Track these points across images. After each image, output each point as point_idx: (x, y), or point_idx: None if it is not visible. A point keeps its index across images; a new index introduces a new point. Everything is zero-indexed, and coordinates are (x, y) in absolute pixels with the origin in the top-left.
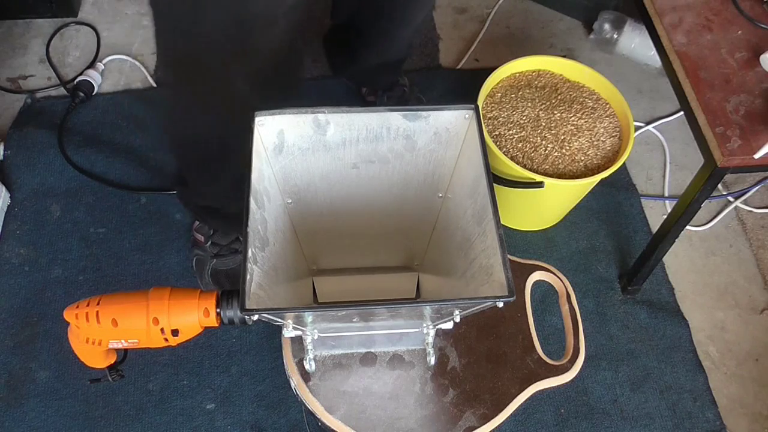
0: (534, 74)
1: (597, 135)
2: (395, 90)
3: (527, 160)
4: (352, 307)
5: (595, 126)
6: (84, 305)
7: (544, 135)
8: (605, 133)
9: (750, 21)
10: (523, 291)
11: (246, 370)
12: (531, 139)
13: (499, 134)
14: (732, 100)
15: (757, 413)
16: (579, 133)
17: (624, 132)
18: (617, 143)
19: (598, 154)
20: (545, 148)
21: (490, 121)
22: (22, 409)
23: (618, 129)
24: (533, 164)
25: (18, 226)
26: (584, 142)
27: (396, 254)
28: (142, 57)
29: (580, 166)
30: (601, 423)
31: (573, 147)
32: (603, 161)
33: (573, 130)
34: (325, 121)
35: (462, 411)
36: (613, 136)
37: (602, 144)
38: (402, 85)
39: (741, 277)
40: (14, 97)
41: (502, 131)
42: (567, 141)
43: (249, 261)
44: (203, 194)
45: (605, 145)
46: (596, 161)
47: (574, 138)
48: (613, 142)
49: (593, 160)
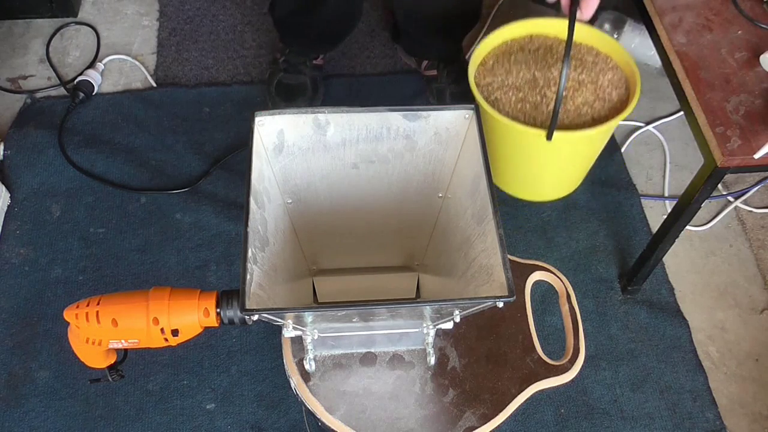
0: (526, 39)
1: (601, 88)
2: (455, 65)
3: (530, 120)
4: (352, 307)
5: (598, 79)
6: (84, 305)
7: (544, 93)
8: (610, 86)
9: (750, 21)
10: (523, 291)
11: (246, 370)
12: (530, 99)
13: (496, 99)
14: (732, 100)
15: (757, 413)
16: (582, 87)
17: (630, 82)
18: (624, 94)
19: (605, 107)
20: (547, 105)
21: (484, 87)
22: (22, 409)
23: (623, 80)
24: (536, 123)
25: (18, 226)
26: (588, 95)
27: (396, 254)
28: (142, 57)
29: (588, 119)
30: (601, 423)
31: (577, 101)
32: (611, 112)
33: (575, 85)
34: (325, 121)
35: (462, 411)
36: (619, 87)
37: (608, 96)
38: (462, 61)
39: (741, 277)
40: (14, 97)
41: (498, 95)
42: (570, 96)
43: (249, 261)
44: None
45: (612, 97)
46: (603, 113)
47: (577, 93)
48: (619, 93)
49: (600, 112)
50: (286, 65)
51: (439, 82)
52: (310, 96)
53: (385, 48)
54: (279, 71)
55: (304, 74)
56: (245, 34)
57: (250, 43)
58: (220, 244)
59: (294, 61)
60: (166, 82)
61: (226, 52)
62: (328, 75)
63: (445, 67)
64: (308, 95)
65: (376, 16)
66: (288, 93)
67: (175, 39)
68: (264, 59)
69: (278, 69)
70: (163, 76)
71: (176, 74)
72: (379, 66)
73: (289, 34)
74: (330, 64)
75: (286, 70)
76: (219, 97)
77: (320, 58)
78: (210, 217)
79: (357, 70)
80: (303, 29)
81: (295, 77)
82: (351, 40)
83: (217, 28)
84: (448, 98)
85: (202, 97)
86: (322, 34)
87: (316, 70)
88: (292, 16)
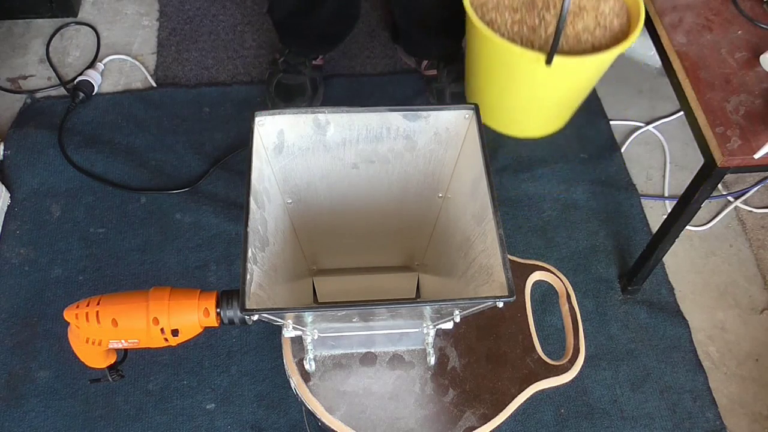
0: None
1: (603, 15)
2: (455, 65)
3: (527, 44)
4: (352, 307)
5: (599, 6)
6: (84, 305)
7: (543, 16)
8: (611, 13)
9: (750, 21)
10: (523, 291)
11: (246, 370)
12: (528, 21)
13: (491, 20)
14: (732, 100)
15: (757, 413)
16: (582, 12)
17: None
18: (626, 24)
19: (606, 35)
20: (545, 29)
21: (479, 7)
22: (22, 409)
23: (625, 10)
24: (533, 47)
25: (18, 226)
26: (589, 21)
27: (396, 254)
28: (142, 57)
29: (588, 46)
30: (601, 423)
31: (578, 28)
32: (612, 42)
33: (575, 10)
34: (325, 121)
35: (462, 411)
36: (621, 16)
37: (610, 24)
38: (462, 61)
39: (741, 277)
40: (14, 97)
41: (494, 16)
42: (570, 22)
43: (249, 261)
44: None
45: (613, 26)
46: (604, 42)
47: (578, 18)
48: (621, 23)
49: (601, 41)
50: (286, 66)
51: (439, 82)
52: (309, 96)
53: (385, 48)
54: (278, 72)
55: (303, 75)
56: (245, 34)
57: (250, 43)
58: (220, 244)
59: (293, 61)
60: (166, 82)
61: (226, 52)
62: (328, 75)
63: (445, 67)
64: (307, 96)
65: (376, 16)
66: (287, 93)
67: (175, 39)
68: (264, 59)
69: (278, 69)
70: (163, 76)
71: (176, 74)
72: (379, 66)
73: (289, 35)
74: (330, 64)
75: (286, 71)
76: (219, 97)
77: (320, 59)
78: (210, 217)
79: (357, 70)
80: (302, 30)
81: (294, 78)
82: (351, 40)
83: (217, 28)
84: (448, 98)
85: (202, 97)
86: (321, 35)
87: (315, 70)
88: (291, 18)
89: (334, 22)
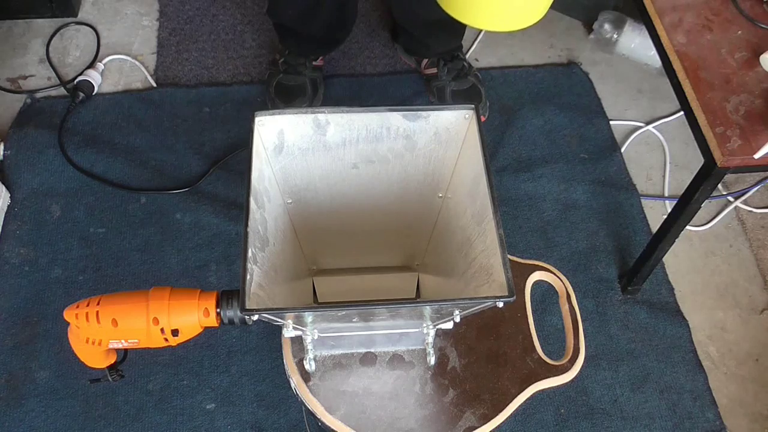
0: None
1: None
2: (455, 62)
3: None
4: (352, 307)
5: None
6: (84, 305)
7: None
8: None
9: (750, 21)
10: (523, 291)
11: (246, 370)
12: None
13: None
14: (732, 100)
15: (757, 413)
16: None
17: None
18: None
19: None
20: None
21: None
22: (22, 409)
23: None
24: None
25: (18, 226)
26: None
27: (396, 254)
28: (142, 57)
29: None
30: (601, 423)
31: None
32: None
33: None
34: (325, 121)
35: (462, 411)
36: None
37: None
38: (461, 59)
39: (741, 277)
40: (14, 97)
41: None
42: None
43: (249, 261)
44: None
45: None
46: None
47: None
48: None
49: None
50: (286, 66)
51: (440, 80)
52: (309, 97)
53: (385, 48)
54: (278, 72)
55: (303, 75)
56: (245, 34)
57: (250, 43)
58: (220, 244)
59: (293, 62)
60: (166, 82)
61: (226, 52)
62: (328, 75)
63: (445, 65)
64: (307, 96)
65: (376, 16)
66: (287, 94)
67: (175, 39)
68: (264, 59)
69: (277, 70)
70: (163, 76)
71: (176, 74)
72: (379, 66)
73: (288, 37)
74: (330, 64)
75: (286, 71)
76: (219, 97)
77: (320, 59)
78: (210, 217)
79: (357, 70)
80: (301, 34)
81: (294, 78)
82: (351, 40)
83: (217, 28)
84: (448, 96)
85: (202, 97)
86: (320, 40)
87: (315, 71)
88: (290, 22)
89: (330, 27)
